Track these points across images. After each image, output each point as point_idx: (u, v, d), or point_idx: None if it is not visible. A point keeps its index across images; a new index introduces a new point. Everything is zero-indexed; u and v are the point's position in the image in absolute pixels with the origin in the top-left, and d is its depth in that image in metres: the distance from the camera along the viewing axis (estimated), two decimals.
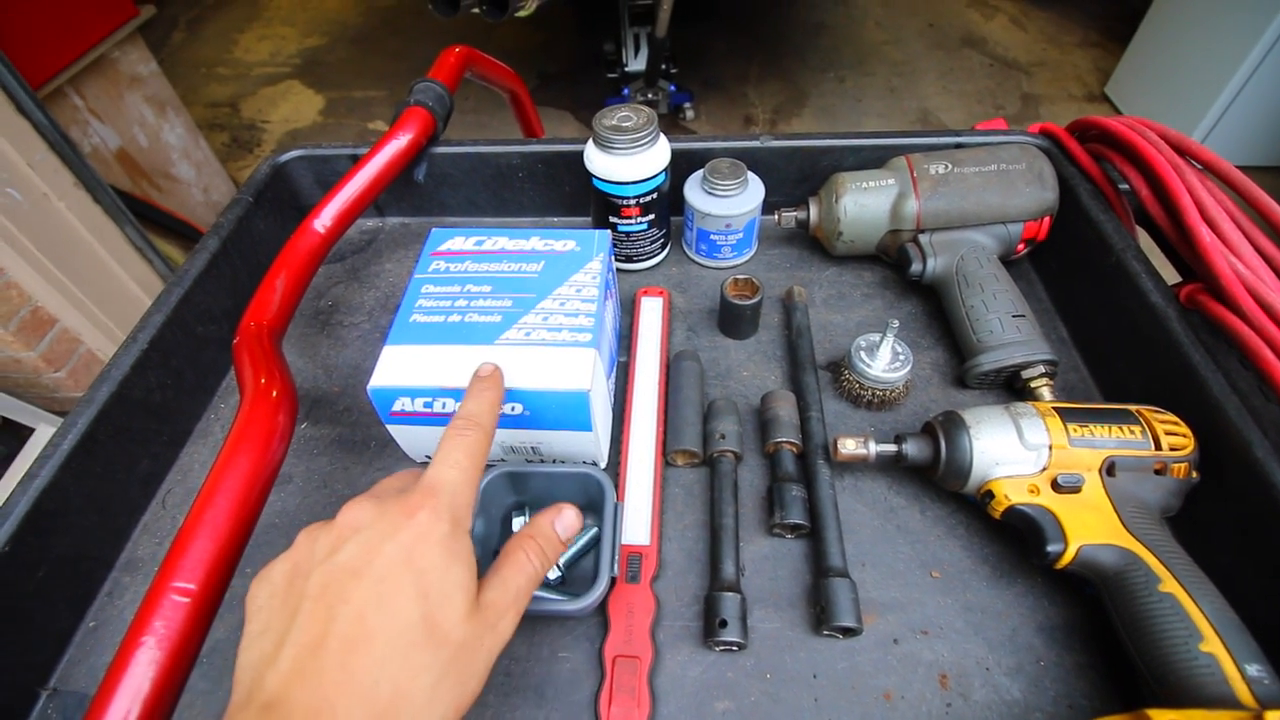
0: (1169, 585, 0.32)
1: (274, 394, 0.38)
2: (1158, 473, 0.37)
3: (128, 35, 1.64)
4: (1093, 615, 0.37)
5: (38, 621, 0.38)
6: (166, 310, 0.47)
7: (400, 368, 0.38)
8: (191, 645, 0.30)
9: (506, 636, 0.27)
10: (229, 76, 2.73)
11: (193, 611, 0.30)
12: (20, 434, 1.34)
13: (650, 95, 2.10)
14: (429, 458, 0.44)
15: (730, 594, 0.37)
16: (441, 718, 0.24)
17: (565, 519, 0.32)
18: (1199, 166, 0.46)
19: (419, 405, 0.39)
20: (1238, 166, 0.43)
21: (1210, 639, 0.30)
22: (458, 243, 0.47)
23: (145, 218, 1.62)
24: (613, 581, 0.38)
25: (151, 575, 0.42)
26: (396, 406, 0.39)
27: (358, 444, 0.48)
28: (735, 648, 0.36)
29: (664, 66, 2.04)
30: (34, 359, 1.35)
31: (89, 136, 1.63)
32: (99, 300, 1.43)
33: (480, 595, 0.27)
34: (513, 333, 0.40)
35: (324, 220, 0.51)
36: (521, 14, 1.62)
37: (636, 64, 2.07)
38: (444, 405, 0.39)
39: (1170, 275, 0.47)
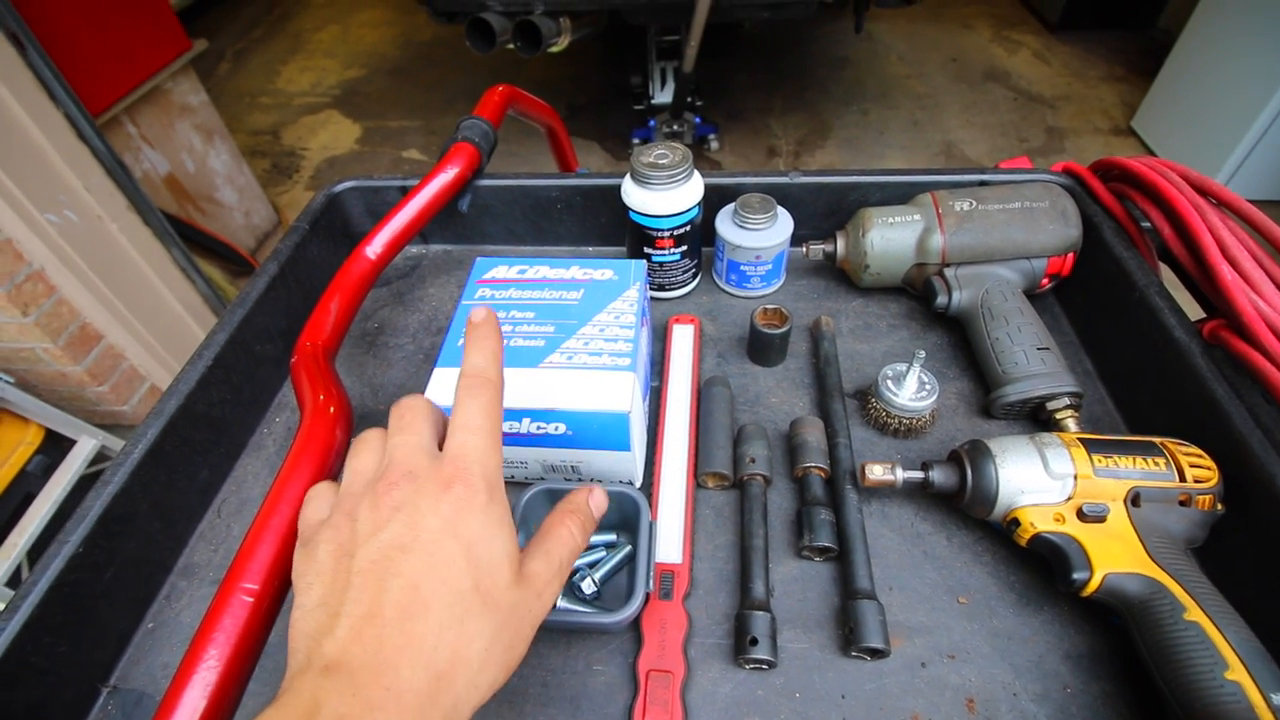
0: (1194, 614, 0.33)
1: (331, 410, 0.41)
2: (1182, 504, 0.38)
3: (181, 67, 1.73)
4: (1119, 643, 0.38)
5: (103, 620, 0.41)
6: (230, 329, 0.50)
7: (450, 388, 0.40)
8: (255, 643, 0.32)
9: (549, 605, 0.28)
10: (271, 106, 2.84)
11: (256, 611, 0.32)
12: (63, 445, 1.39)
13: (676, 127, 2.16)
14: None
15: (760, 613, 0.38)
16: (493, 679, 0.25)
17: (597, 497, 0.34)
18: (1220, 205, 0.48)
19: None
20: (1267, 201, 0.44)
21: (1235, 667, 0.31)
22: (501, 271, 0.49)
23: (190, 240, 1.70)
24: (647, 597, 0.39)
25: (206, 580, 0.45)
26: None
27: None
28: (765, 666, 0.37)
29: (689, 99, 2.10)
30: (80, 373, 1.40)
31: (140, 162, 1.71)
32: (144, 318, 1.49)
33: (524, 565, 0.28)
34: (556, 356, 0.42)
35: (375, 247, 0.54)
36: (554, 49, 1.68)
37: (663, 96, 2.13)
38: None
39: (1193, 310, 0.48)
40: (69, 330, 1.35)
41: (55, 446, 1.38)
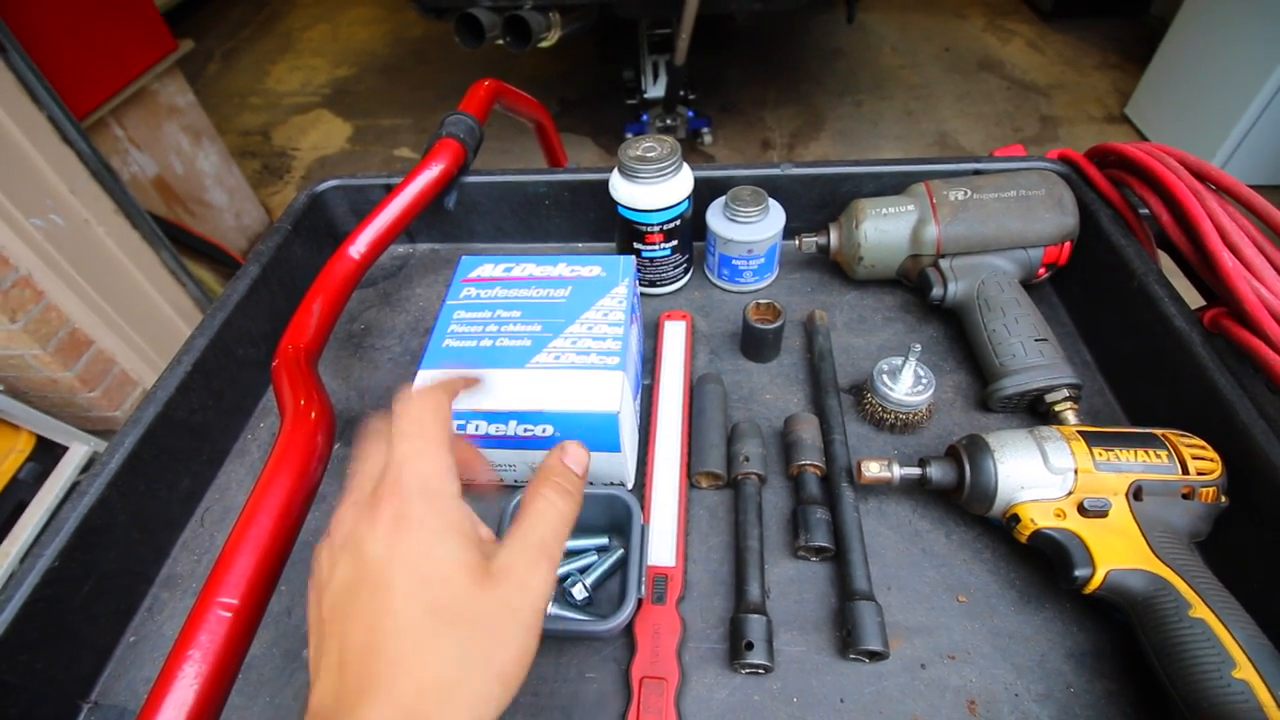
0: (1200, 611, 0.32)
1: (313, 415, 0.40)
2: (1185, 497, 0.37)
3: (167, 68, 1.71)
4: (1123, 641, 0.37)
5: (82, 635, 0.40)
6: (210, 334, 0.49)
7: None
8: (234, 659, 0.31)
9: (542, 590, 0.26)
10: (261, 106, 2.82)
11: (235, 626, 0.31)
12: (54, 452, 1.38)
13: (669, 121, 2.14)
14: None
15: (756, 616, 0.37)
16: (483, 692, 0.24)
17: (572, 453, 0.30)
18: (1219, 191, 0.47)
19: (453, 428, 0.40)
20: (1263, 186, 0.43)
21: (1243, 666, 0.30)
22: (487, 269, 0.48)
23: (179, 242, 1.68)
24: (639, 602, 0.38)
25: (190, 591, 0.43)
26: None
27: None
28: (761, 670, 0.37)
29: (682, 93, 2.08)
30: (70, 379, 1.39)
31: (128, 165, 1.69)
32: (133, 322, 1.47)
33: (494, 561, 0.26)
34: (542, 356, 0.41)
35: (359, 247, 0.52)
36: (544, 44, 1.67)
37: (655, 91, 2.12)
38: (477, 428, 0.40)
39: (1193, 298, 0.47)
40: (58, 336, 1.34)
41: (47, 453, 1.37)
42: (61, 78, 1.31)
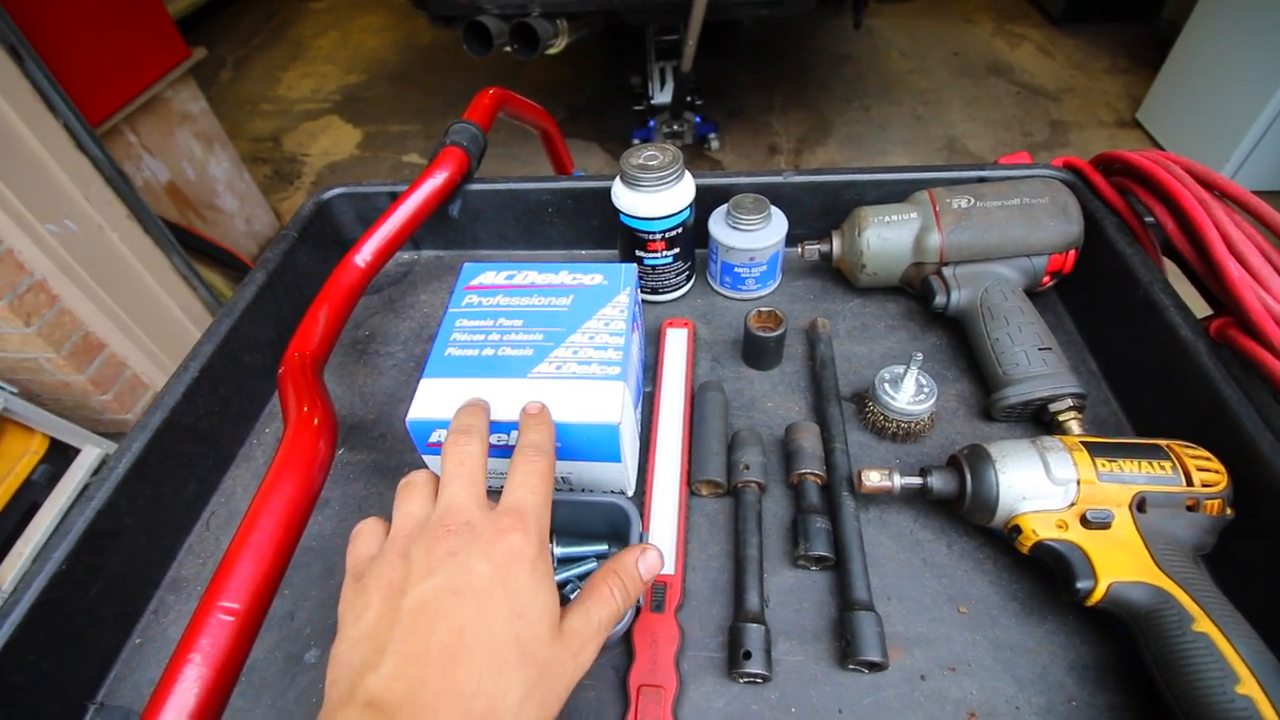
0: (1203, 625, 0.32)
1: (315, 422, 0.40)
2: (1190, 509, 0.36)
3: (180, 76, 1.74)
4: (1126, 654, 0.37)
5: (88, 637, 0.40)
6: (216, 340, 0.49)
7: (437, 400, 0.40)
8: (235, 662, 0.31)
9: (586, 667, 0.28)
10: (272, 112, 2.85)
11: (237, 630, 0.32)
12: (68, 454, 1.40)
13: (676, 127, 2.14)
14: None
15: (755, 625, 0.37)
16: None
17: (649, 560, 0.32)
18: (1225, 199, 0.46)
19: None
20: (1276, 192, 0.43)
21: (1247, 681, 0.29)
22: (489, 277, 0.48)
23: (191, 247, 1.70)
24: (637, 610, 0.38)
25: (195, 595, 0.44)
26: (433, 438, 0.40)
27: (392, 469, 0.49)
28: (760, 680, 0.36)
29: (689, 98, 2.09)
30: (83, 382, 1.41)
31: (141, 171, 1.71)
32: (146, 326, 1.49)
33: (564, 622, 0.28)
34: (544, 366, 0.41)
35: (364, 255, 0.53)
36: (551, 51, 1.68)
37: (662, 96, 2.12)
38: None
39: (1199, 308, 0.47)
40: (71, 340, 1.36)
41: (60, 456, 1.39)
42: (76, 86, 1.33)
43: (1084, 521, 0.36)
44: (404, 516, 0.31)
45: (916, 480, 0.41)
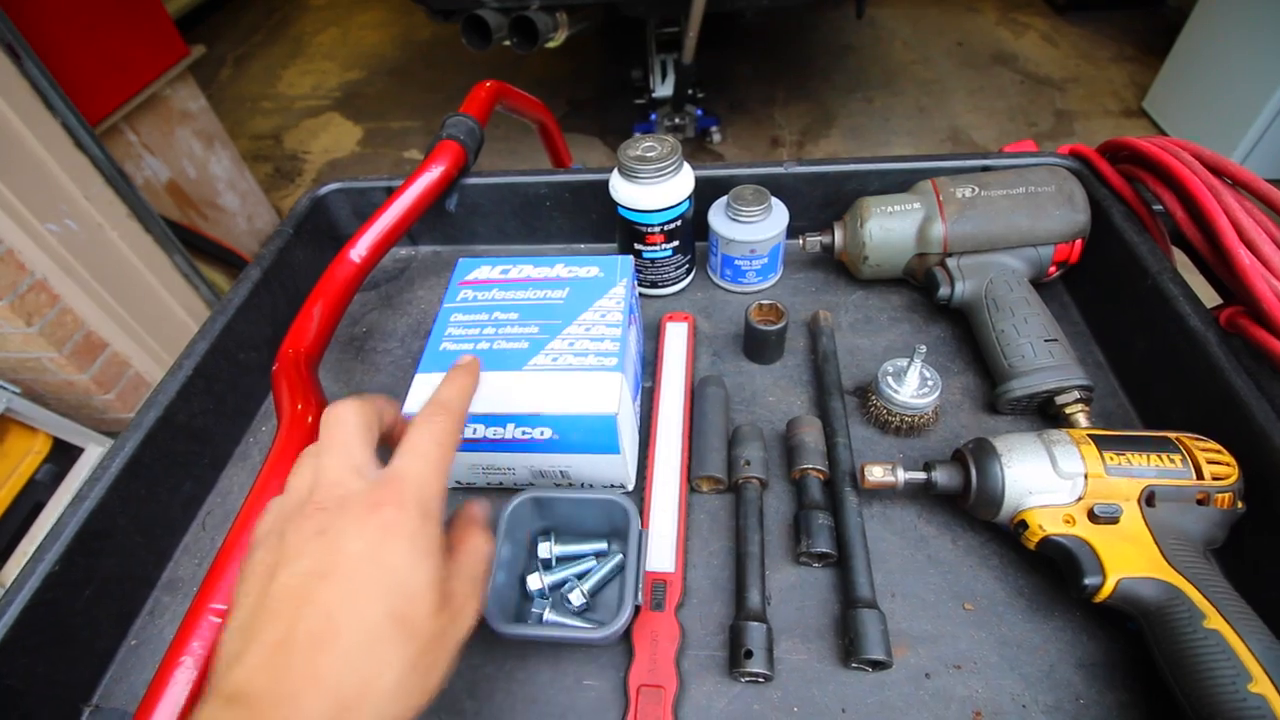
0: (1214, 621, 0.31)
1: (309, 420, 0.39)
2: (1200, 503, 0.36)
3: (179, 74, 1.73)
4: (1135, 651, 0.36)
5: (83, 639, 0.40)
6: (211, 338, 0.49)
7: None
8: None
9: (470, 624, 0.27)
10: (273, 110, 2.85)
11: None
12: (71, 453, 1.40)
13: (677, 120, 2.13)
14: (458, 482, 0.45)
15: (756, 623, 0.36)
16: (406, 707, 0.24)
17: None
18: (1235, 185, 0.45)
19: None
20: None
21: (1260, 679, 0.29)
22: (484, 272, 0.48)
23: (192, 246, 1.70)
24: (637, 609, 0.38)
25: (191, 595, 0.43)
26: None
27: None
28: (761, 679, 0.36)
29: (691, 91, 2.07)
30: (85, 381, 1.41)
31: (141, 170, 1.71)
32: (147, 325, 1.49)
33: (444, 586, 0.27)
34: (540, 359, 0.41)
35: (360, 250, 0.52)
36: (551, 45, 1.67)
37: (664, 90, 2.11)
38: (474, 431, 0.39)
39: (1209, 297, 0.46)
40: (73, 339, 1.36)
41: (63, 455, 1.39)
42: (75, 85, 1.33)
43: (1092, 516, 0.36)
44: (289, 490, 0.29)
45: (920, 475, 0.40)
